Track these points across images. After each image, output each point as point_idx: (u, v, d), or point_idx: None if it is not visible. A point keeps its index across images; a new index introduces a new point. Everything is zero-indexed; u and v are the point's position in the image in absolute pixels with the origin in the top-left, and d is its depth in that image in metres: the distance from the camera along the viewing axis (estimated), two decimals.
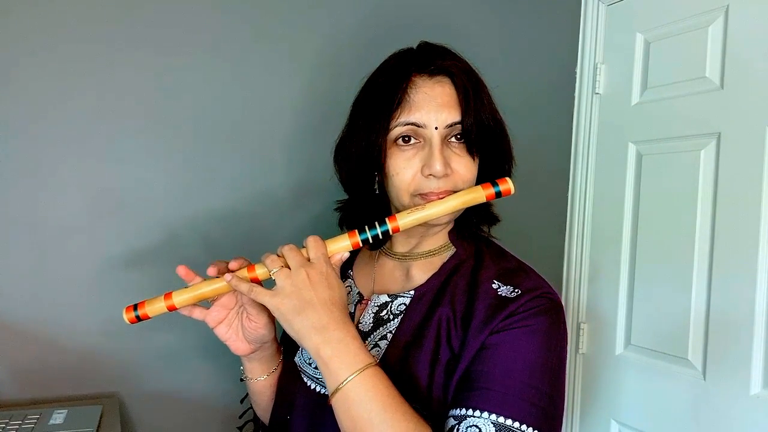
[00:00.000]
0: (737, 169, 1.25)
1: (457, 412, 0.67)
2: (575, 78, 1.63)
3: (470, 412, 0.66)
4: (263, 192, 1.26)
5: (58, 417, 0.99)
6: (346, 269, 0.92)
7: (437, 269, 0.80)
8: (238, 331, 0.81)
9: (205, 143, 1.21)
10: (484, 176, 0.78)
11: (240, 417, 1.02)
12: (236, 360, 1.22)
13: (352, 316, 0.84)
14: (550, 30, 1.58)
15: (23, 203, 1.08)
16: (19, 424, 0.95)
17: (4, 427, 0.94)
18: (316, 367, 0.81)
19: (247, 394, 0.94)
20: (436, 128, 0.73)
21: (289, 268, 0.70)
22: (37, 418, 0.98)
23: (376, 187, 0.79)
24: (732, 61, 1.27)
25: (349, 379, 0.65)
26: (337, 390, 0.66)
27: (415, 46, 0.81)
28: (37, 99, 1.08)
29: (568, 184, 1.65)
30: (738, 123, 1.25)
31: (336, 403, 0.66)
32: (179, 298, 0.75)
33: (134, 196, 1.16)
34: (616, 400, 1.51)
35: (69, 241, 1.11)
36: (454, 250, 0.82)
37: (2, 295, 1.07)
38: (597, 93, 1.59)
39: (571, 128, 1.64)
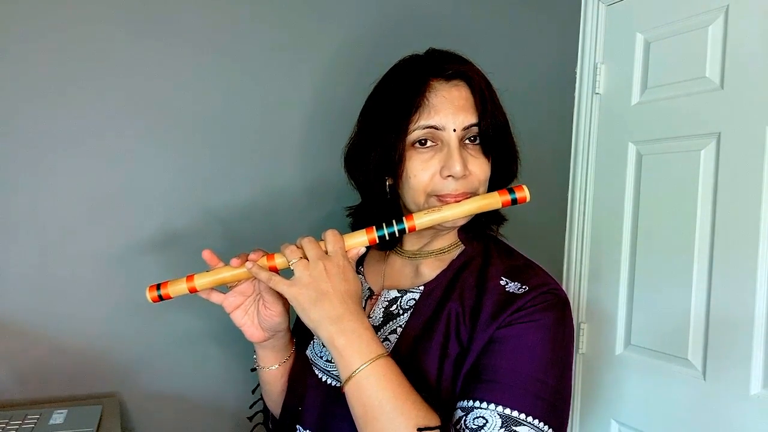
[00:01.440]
0: (737, 169, 1.25)
1: (465, 403, 0.68)
2: (575, 78, 1.63)
3: (477, 403, 0.67)
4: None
5: (58, 417, 0.99)
6: (356, 266, 0.93)
7: (446, 266, 0.81)
8: (253, 318, 0.83)
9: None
10: (494, 176, 0.80)
11: (251, 407, 1.04)
12: (237, 360, 1.23)
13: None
14: (550, 30, 1.58)
15: (26, 203, 1.08)
16: (19, 424, 0.95)
17: (4, 427, 0.93)
18: (327, 360, 0.84)
19: (259, 384, 0.96)
20: (454, 130, 0.75)
21: (308, 260, 0.72)
22: (37, 418, 0.97)
23: (387, 191, 0.81)
24: (732, 61, 1.28)
25: (361, 367, 0.67)
26: (350, 378, 0.68)
27: (418, 50, 0.83)
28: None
29: (568, 184, 1.65)
30: (738, 123, 1.25)
31: (349, 390, 0.68)
32: (201, 280, 0.78)
33: (141, 195, 1.15)
34: (616, 400, 1.51)
35: (69, 240, 1.10)
36: (463, 247, 0.83)
37: (3, 295, 1.06)
38: (597, 93, 1.60)
39: (571, 128, 1.64)
